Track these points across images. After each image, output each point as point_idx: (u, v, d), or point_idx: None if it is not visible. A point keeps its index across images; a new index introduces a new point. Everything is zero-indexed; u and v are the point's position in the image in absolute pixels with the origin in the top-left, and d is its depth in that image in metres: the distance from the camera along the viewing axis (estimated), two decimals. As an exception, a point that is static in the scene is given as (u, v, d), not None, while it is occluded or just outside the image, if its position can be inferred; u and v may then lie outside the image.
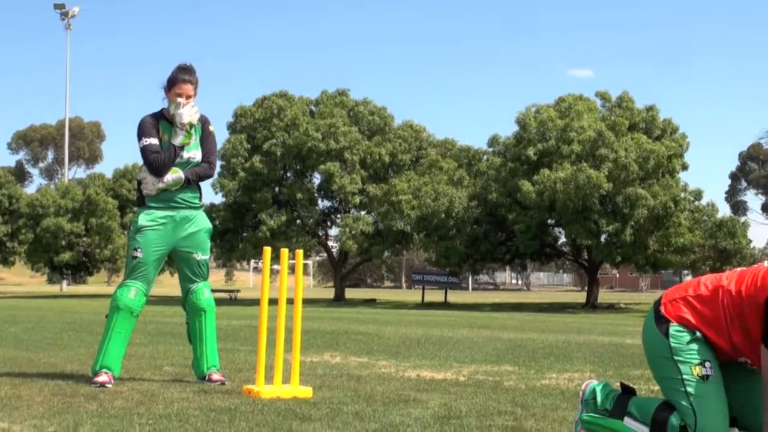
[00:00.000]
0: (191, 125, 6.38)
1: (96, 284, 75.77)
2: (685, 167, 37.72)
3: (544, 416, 5.12)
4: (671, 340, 3.95)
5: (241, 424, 4.61)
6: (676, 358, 3.92)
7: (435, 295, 44.63)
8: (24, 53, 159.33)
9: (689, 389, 3.86)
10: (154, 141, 6.36)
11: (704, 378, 3.86)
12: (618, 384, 4.31)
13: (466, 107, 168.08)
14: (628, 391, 4.18)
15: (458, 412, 5.20)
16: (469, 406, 5.43)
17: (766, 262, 4.03)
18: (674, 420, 3.86)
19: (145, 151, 6.35)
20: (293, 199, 43.60)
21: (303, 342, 8.95)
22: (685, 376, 3.88)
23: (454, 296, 46.26)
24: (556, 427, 4.74)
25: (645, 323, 4.14)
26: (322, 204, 46.16)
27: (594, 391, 4.23)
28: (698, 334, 3.93)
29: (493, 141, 40.66)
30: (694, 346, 3.91)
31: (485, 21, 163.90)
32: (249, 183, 43.08)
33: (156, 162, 6.32)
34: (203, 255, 6.59)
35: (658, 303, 4.12)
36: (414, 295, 49.63)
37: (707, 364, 3.88)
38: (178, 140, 6.36)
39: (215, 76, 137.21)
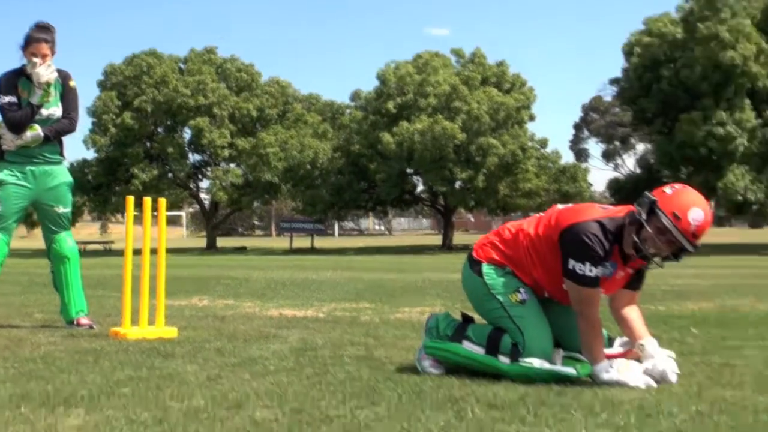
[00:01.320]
0: (48, 84, 6.19)
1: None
2: (532, 118, 38.68)
3: (394, 345, 5.25)
4: (485, 277, 4.21)
5: (105, 363, 4.57)
6: (492, 291, 4.16)
7: (303, 242, 44.67)
8: None
9: (511, 313, 4.11)
10: (12, 98, 6.16)
11: (522, 302, 4.12)
12: (459, 314, 4.47)
13: (329, 64, 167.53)
14: (467, 320, 4.36)
15: (314, 344, 5.28)
16: (325, 340, 5.52)
17: (558, 205, 4.26)
18: (506, 339, 4.09)
19: (2, 108, 6.16)
20: (164, 153, 42.79)
21: (173, 288, 8.87)
22: (504, 305, 4.13)
23: (320, 242, 46.41)
24: (404, 354, 4.86)
25: (462, 271, 4.39)
26: (193, 158, 45.58)
27: (437, 320, 4.40)
28: (507, 269, 4.17)
29: (355, 96, 40.74)
30: (506, 278, 4.18)
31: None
32: (120, 139, 42.07)
33: (13, 119, 6.13)
34: (64, 208, 6.43)
35: (471, 251, 4.37)
36: (283, 242, 49.53)
37: (521, 290, 4.14)
38: (35, 99, 6.16)
39: (84, 35, 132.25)
